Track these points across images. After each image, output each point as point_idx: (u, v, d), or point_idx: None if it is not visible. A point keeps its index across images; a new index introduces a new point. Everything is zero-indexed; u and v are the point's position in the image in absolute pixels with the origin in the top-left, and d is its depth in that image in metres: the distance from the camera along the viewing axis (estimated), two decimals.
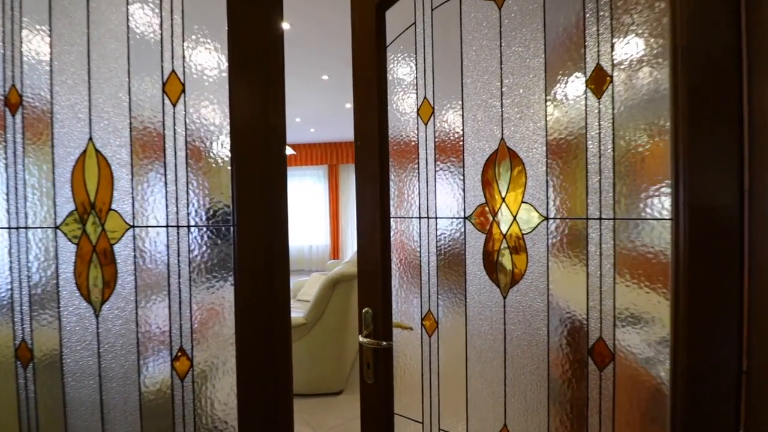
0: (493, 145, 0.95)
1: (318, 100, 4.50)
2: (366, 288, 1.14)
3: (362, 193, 1.14)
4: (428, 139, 1.05)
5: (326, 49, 3.24)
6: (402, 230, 1.10)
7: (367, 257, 1.13)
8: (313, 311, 2.70)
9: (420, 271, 1.07)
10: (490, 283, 0.96)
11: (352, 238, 7.91)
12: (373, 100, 1.12)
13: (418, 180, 1.07)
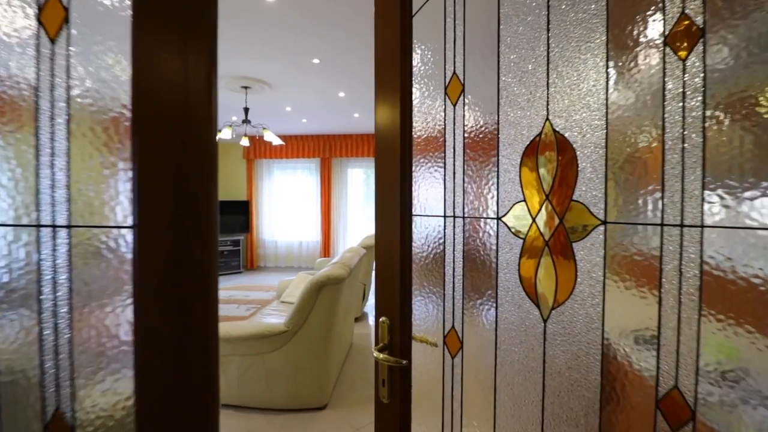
0: (536, 128, 0.76)
1: (309, 86, 4.27)
2: (383, 294, 1.01)
3: (382, 186, 1.01)
4: (457, 122, 0.89)
5: (316, 31, 3.00)
6: (425, 231, 0.95)
7: (385, 260, 1.00)
8: (294, 318, 2.47)
9: (443, 279, 0.92)
10: (527, 301, 0.77)
11: (344, 235, 7.66)
12: (396, 79, 0.96)
13: (444, 171, 0.91)
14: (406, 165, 0.97)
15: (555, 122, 0.73)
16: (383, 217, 1.01)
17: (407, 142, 0.97)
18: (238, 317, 4.57)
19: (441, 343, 0.92)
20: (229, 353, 2.58)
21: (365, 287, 4.45)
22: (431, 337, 0.95)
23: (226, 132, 4.16)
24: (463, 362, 0.89)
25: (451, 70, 0.89)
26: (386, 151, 1.00)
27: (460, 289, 0.89)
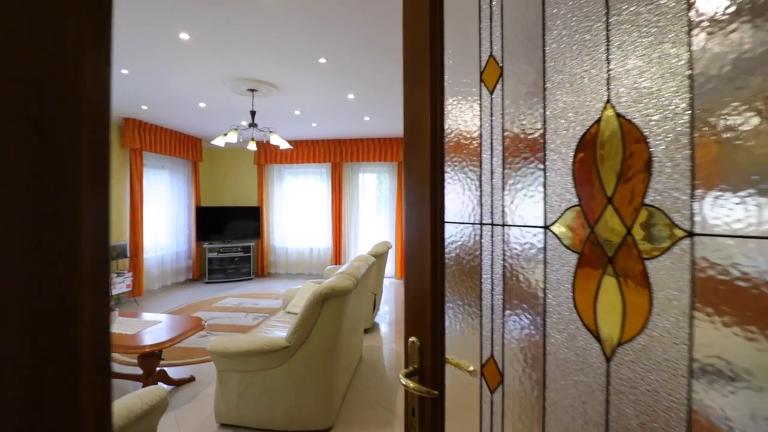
0: (593, 113, 0.59)
1: (317, 88, 4.14)
2: (413, 311, 0.89)
3: (410, 189, 0.90)
4: (494, 113, 0.75)
5: (321, 29, 2.86)
6: (458, 240, 0.83)
7: (415, 272, 0.89)
8: (296, 332, 2.29)
9: (480, 298, 0.78)
10: (584, 333, 0.60)
11: (355, 242, 7.50)
12: (425, 67, 0.84)
13: (479, 170, 0.78)
14: (437, 165, 0.84)
15: (618, 105, 0.55)
16: (412, 223, 0.89)
17: (438, 139, 0.83)
18: (245, 327, 4.44)
19: (479, 373, 0.79)
20: (227, 369, 2.42)
21: (375, 297, 4.26)
22: (467, 363, 0.80)
23: (232, 136, 4.05)
24: (504, 400, 0.73)
25: (488, 51, 0.75)
26: (415, 151, 0.88)
27: (499, 311, 0.74)
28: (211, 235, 7.16)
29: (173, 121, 5.76)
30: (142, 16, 2.64)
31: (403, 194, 0.92)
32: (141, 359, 2.78)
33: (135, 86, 4.11)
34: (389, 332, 4.31)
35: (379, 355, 3.66)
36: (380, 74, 3.74)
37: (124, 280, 5.33)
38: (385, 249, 4.24)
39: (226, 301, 5.59)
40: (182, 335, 2.84)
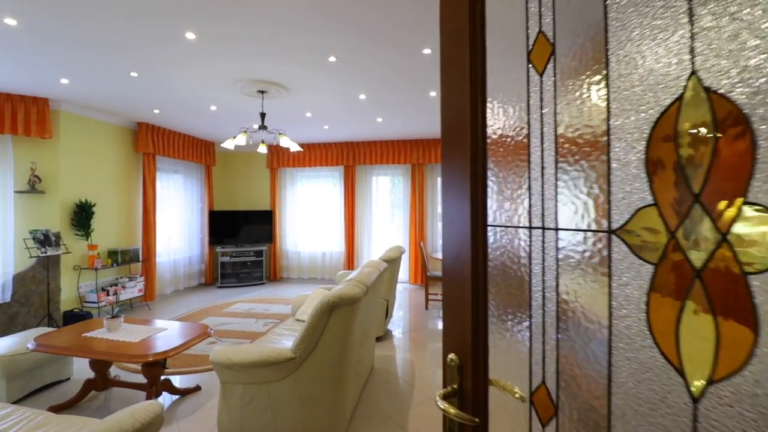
0: (672, 89, 0.45)
1: (327, 88, 4.03)
2: (452, 324, 0.80)
3: (448, 190, 0.81)
4: (545, 97, 0.63)
5: (330, 26, 2.77)
6: (503, 245, 0.72)
7: (454, 281, 0.80)
8: (303, 342, 2.15)
9: (529, 313, 0.66)
10: (662, 363, 0.46)
11: (368, 246, 7.36)
12: (464, 48, 0.74)
13: (528, 166, 0.66)
14: (478, 162, 0.74)
15: (708, 77, 0.41)
16: (450, 227, 0.81)
17: (479, 132, 0.73)
18: (255, 333, 4.34)
19: (527, 401, 0.67)
20: (231, 380, 2.30)
21: (388, 303, 4.10)
22: (513, 387, 0.70)
23: (241, 138, 3.97)
24: None
25: (536, 27, 0.64)
26: (453, 147, 0.79)
27: (552, 329, 0.62)
28: (224, 240, 7.13)
29: (185, 124, 5.75)
30: (146, 16, 2.57)
31: (441, 196, 0.85)
32: (145, 368, 2.69)
33: (145, 89, 4.08)
34: (403, 340, 4.14)
35: (391, 364, 3.50)
36: (392, 72, 3.60)
37: (136, 284, 5.31)
38: (398, 254, 4.08)
39: (237, 306, 5.51)
40: (187, 343, 2.74)
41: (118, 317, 2.94)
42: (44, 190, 4.41)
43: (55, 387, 3.10)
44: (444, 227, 0.83)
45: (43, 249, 4.21)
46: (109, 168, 5.21)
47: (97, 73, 3.57)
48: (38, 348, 2.62)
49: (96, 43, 2.97)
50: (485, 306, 0.74)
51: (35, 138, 4.33)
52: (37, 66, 3.39)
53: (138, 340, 2.71)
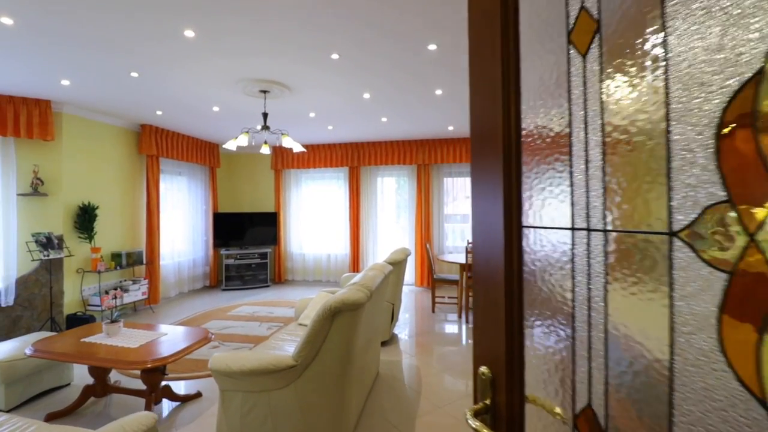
0: (749, 64, 0.36)
1: (330, 87, 3.95)
2: (484, 333, 0.74)
3: (479, 190, 0.75)
4: (588, 82, 0.55)
5: (332, 22, 2.70)
6: (541, 249, 0.64)
7: (485, 287, 0.74)
8: (304, 349, 2.06)
9: (572, 325, 0.57)
10: (740, 391, 0.37)
11: (374, 248, 7.26)
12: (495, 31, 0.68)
13: (570, 159, 0.58)
14: (512, 157, 0.67)
15: None
16: (481, 229, 0.75)
17: (512, 124, 0.67)
18: (258, 337, 4.27)
19: (570, 424, 0.59)
20: (230, 388, 2.22)
21: (394, 307, 4.00)
22: (553, 406, 0.61)
23: (243, 139, 3.90)
24: None
25: (577, 3, 0.57)
26: (484, 142, 0.72)
27: (600, 344, 0.52)
28: (229, 242, 7.09)
29: (189, 126, 5.71)
30: (142, 12, 2.51)
31: (471, 195, 0.79)
32: (144, 375, 2.62)
33: (147, 90, 4.03)
34: (409, 345, 4.04)
35: (397, 370, 3.40)
36: (396, 69, 3.51)
37: (140, 287, 5.27)
38: (404, 256, 3.99)
39: (241, 310, 5.45)
40: (187, 349, 2.66)
41: (118, 322, 2.88)
42: (47, 193, 4.38)
43: (55, 393, 3.04)
44: (474, 229, 0.77)
45: (46, 252, 4.18)
46: (113, 170, 5.18)
47: (98, 73, 3.53)
48: (36, 354, 2.56)
49: (94, 42, 2.92)
50: (520, 315, 0.66)
51: (38, 140, 4.30)
52: (36, 67, 3.35)
53: (137, 345, 2.65)
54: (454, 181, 7.08)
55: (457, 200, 7.15)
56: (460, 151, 6.72)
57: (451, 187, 7.11)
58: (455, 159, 6.74)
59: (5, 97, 4.02)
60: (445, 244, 7.04)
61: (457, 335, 4.37)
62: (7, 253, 4.19)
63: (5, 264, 4.18)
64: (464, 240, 6.97)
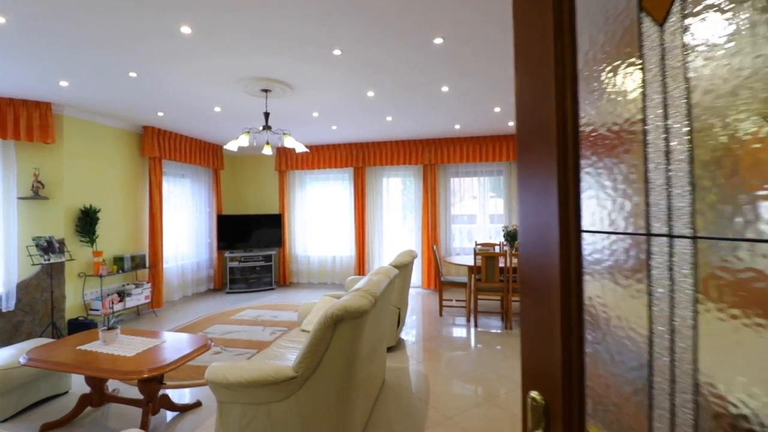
0: None
1: (333, 85, 3.83)
2: (533, 354, 0.64)
3: (527, 189, 0.65)
4: (667, 56, 0.43)
5: (333, 17, 2.59)
6: (608, 257, 0.52)
7: (535, 300, 0.63)
8: (305, 360, 1.95)
9: (649, 350, 0.45)
10: None
11: (380, 250, 7.14)
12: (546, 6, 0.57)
13: (645, 149, 0.45)
14: (568, 150, 0.58)
15: None
16: (530, 233, 0.66)
17: (568, 113, 0.57)
18: (261, 342, 4.16)
19: None
20: (228, 400, 2.11)
21: (400, 311, 3.87)
22: None
23: (243, 139, 3.80)
24: None
25: None
26: (533, 135, 0.63)
27: (687, 378, 0.41)
28: (233, 244, 7.01)
29: (191, 127, 5.64)
30: (137, 8, 2.41)
31: (518, 194, 0.71)
32: (141, 384, 2.53)
33: (146, 90, 3.95)
34: (416, 350, 3.91)
35: (404, 378, 3.27)
36: (401, 66, 3.39)
37: (143, 291, 5.20)
38: (410, 259, 3.86)
39: (244, 313, 5.36)
40: (186, 357, 2.56)
41: (115, 329, 2.79)
42: (48, 196, 4.32)
43: (53, 401, 2.96)
44: (521, 232, 0.69)
45: (47, 256, 4.11)
46: (115, 173, 5.12)
47: (96, 74, 3.45)
48: (29, 363, 2.48)
49: (88, 40, 2.84)
50: (580, 333, 0.55)
51: (38, 143, 4.25)
52: (33, 68, 3.28)
53: (133, 354, 2.55)
54: (461, 181, 6.93)
55: (464, 200, 7.01)
56: (467, 150, 6.57)
57: (458, 188, 6.96)
58: (462, 158, 6.60)
59: (5, 99, 3.97)
60: (452, 245, 6.89)
61: (466, 339, 4.23)
62: (7, 257, 4.13)
63: (6, 268, 4.13)
64: (471, 241, 6.82)
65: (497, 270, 4.44)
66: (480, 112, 5.00)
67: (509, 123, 5.60)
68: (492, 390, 3.01)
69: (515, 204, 6.56)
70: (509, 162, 6.60)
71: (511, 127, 5.84)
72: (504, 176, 6.69)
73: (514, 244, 5.03)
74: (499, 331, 4.50)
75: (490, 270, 4.46)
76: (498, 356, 3.70)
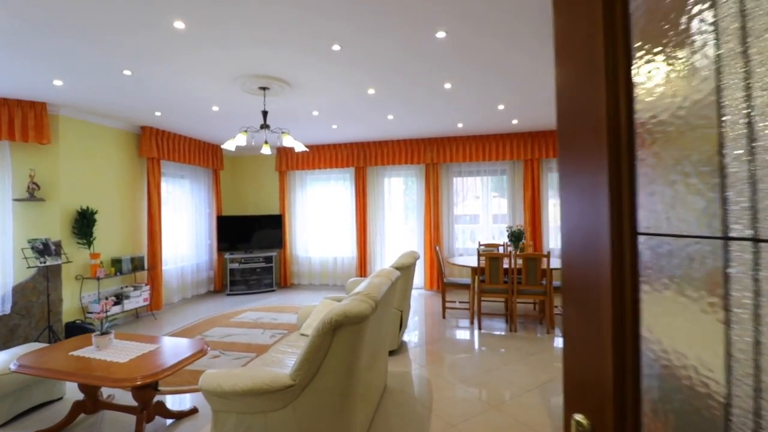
0: None
1: (332, 82, 3.75)
2: (577, 372, 0.55)
3: (569, 185, 0.55)
4: (750, 21, 0.32)
5: (332, 9, 2.49)
6: (671, 263, 0.42)
7: (580, 309, 0.54)
8: (302, 367, 1.86)
9: (728, 379, 0.35)
10: None
11: (381, 251, 7.05)
12: None
13: (720, 137, 0.35)
14: (621, 142, 0.48)
15: None
16: (573, 236, 0.58)
17: (621, 96, 0.47)
18: (261, 346, 4.08)
19: None
20: (223, 409, 2.02)
21: (402, 314, 3.78)
22: None
23: (241, 138, 3.72)
24: None
25: None
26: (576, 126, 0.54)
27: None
28: (233, 246, 6.94)
29: (189, 127, 5.56)
30: (125, 3, 2.33)
31: (559, 193, 0.63)
32: (135, 391, 2.45)
33: (142, 89, 3.88)
34: (419, 354, 3.82)
35: (407, 383, 3.18)
36: (401, 61, 3.30)
37: (141, 293, 5.13)
38: (412, 260, 3.77)
39: (244, 316, 5.28)
40: (180, 363, 2.48)
41: (108, 334, 2.71)
42: (44, 198, 4.26)
43: (46, 407, 2.89)
44: (563, 235, 0.60)
45: (42, 259, 4.04)
46: (112, 174, 5.05)
47: (89, 72, 3.38)
48: (19, 370, 2.40)
49: (79, 31, 2.76)
50: (636, 350, 0.47)
51: (33, 144, 4.18)
52: (25, 65, 3.21)
53: (126, 360, 2.47)
54: (464, 181, 6.84)
55: (467, 200, 6.91)
56: (470, 149, 6.48)
57: (461, 187, 6.87)
58: (465, 158, 6.50)
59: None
60: (455, 246, 6.79)
61: (469, 342, 4.14)
62: (3, 260, 4.07)
63: (1, 271, 4.06)
64: (474, 241, 6.72)
65: (501, 271, 4.35)
66: (484, 110, 4.91)
67: (513, 121, 5.49)
68: (497, 395, 2.91)
69: (518, 204, 6.45)
70: (513, 161, 6.50)
71: (515, 125, 5.74)
72: (507, 175, 6.59)
73: (519, 244, 4.93)
74: (503, 333, 4.40)
75: (494, 271, 4.36)
76: (502, 359, 3.60)
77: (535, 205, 6.26)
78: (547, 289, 4.26)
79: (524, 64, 3.35)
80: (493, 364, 3.52)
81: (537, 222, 6.27)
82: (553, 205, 6.39)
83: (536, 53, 3.11)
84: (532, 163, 6.28)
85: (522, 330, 4.49)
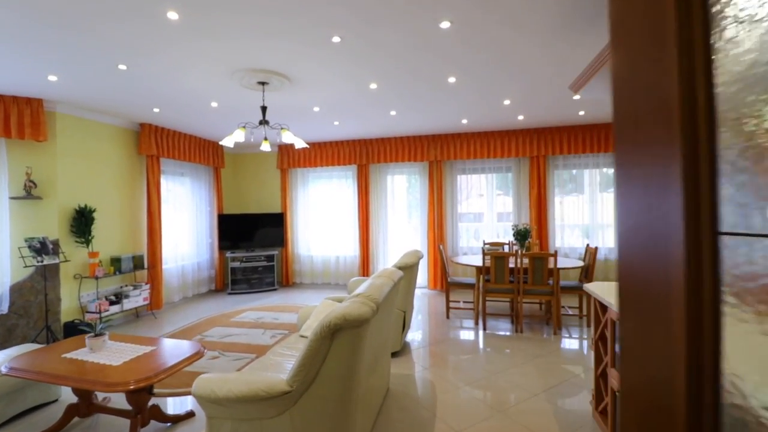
0: None
1: (333, 76, 3.64)
2: (638, 387, 0.43)
3: (628, 177, 0.45)
4: None
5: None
6: (763, 272, 0.32)
7: (641, 316, 0.43)
8: (300, 373, 1.77)
9: None
10: None
11: (384, 249, 6.95)
12: None
13: None
14: (700, 132, 0.38)
15: None
16: (633, 236, 0.48)
17: (700, 81, 0.38)
18: (261, 346, 4.00)
19: None
20: (218, 416, 1.94)
21: (405, 314, 3.69)
22: None
23: (239, 134, 3.63)
24: None
25: None
26: (639, 114, 0.44)
27: None
28: (234, 244, 6.86)
29: (189, 124, 5.48)
30: None
31: (615, 189, 0.54)
32: (129, 395, 2.37)
33: (139, 85, 3.79)
34: (422, 355, 3.72)
35: (410, 386, 3.09)
36: (404, 54, 3.19)
37: (141, 293, 5.07)
38: (415, 260, 3.67)
39: (245, 315, 5.20)
40: (176, 366, 2.40)
41: (102, 335, 2.63)
42: (41, 196, 4.19)
43: (41, 410, 2.82)
44: (619, 234, 0.52)
45: (40, 258, 3.98)
46: (111, 171, 4.98)
47: (84, 67, 3.30)
48: (10, 373, 2.33)
49: (69, 27, 2.67)
50: (715, 378, 0.37)
51: (30, 141, 4.11)
52: (17, 60, 3.13)
53: (120, 362, 2.39)
54: (468, 178, 6.72)
55: (471, 198, 6.79)
56: (474, 146, 6.36)
57: (465, 185, 6.75)
58: (469, 155, 6.38)
59: None
60: (459, 245, 6.69)
61: (474, 343, 4.04)
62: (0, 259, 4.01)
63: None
64: (478, 240, 6.61)
65: (507, 270, 4.24)
66: (489, 105, 4.79)
67: (519, 117, 5.37)
68: (503, 399, 2.81)
69: (524, 202, 6.33)
70: (518, 158, 6.38)
71: (521, 120, 5.61)
72: (512, 173, 6.47)
73: (525, 243, 4.81)
74: (509, 333, 4.29)
75: (499, 271, 4.26)
76: (508, 361, 3.50)
77: (541, 203, 6.14)
78: (554, 289, 4.15)
79: (533, 55, 3.23)
80: (499, 366, 3.41)
81: (543, 220, 6.15)
82: (559, 203, 6.27)
83: (548, 42, 2.98)
84: (539, 160, 6.16)
85: (528, 331, 4.39)
